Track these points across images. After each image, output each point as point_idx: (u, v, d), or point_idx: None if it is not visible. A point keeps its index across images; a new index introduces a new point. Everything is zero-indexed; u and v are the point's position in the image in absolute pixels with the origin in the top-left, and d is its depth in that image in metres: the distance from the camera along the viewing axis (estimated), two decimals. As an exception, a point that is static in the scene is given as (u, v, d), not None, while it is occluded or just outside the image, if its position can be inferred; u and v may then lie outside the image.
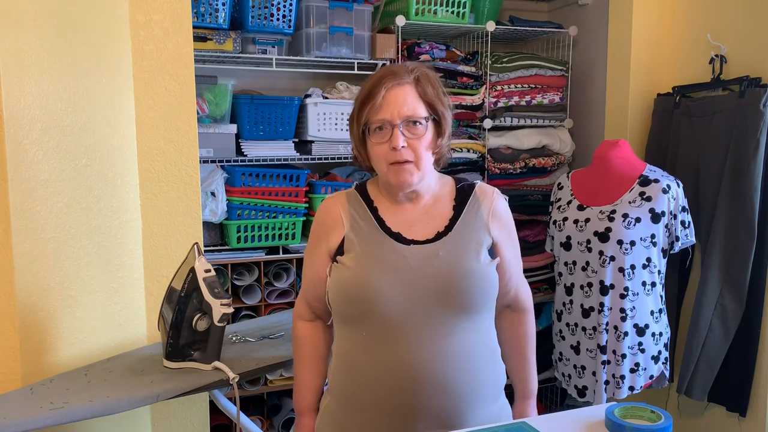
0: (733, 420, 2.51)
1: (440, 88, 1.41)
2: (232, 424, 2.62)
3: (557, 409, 3.18)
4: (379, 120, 1.35)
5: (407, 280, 1.32)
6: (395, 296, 1.31)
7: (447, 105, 1.41)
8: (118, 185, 2.00)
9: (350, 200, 1.45)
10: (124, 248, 2.03)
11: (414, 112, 1.35)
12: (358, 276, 1.33)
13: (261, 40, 2.65)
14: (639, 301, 2.24)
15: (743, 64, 2.42)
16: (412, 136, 1.35)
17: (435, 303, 1.32)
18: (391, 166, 1.36)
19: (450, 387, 1.32)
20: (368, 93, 1.36)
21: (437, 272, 1.33)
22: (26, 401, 1.52)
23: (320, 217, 1.48)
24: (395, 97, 1.34)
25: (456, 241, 1.37)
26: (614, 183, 2.32)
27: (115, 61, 1.97)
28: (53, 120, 1.78)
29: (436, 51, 2.89)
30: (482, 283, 1.36)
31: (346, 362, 1.39)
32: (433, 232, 1.39)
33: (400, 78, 1.36)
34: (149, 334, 2.11)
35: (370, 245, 1.36)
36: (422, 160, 1.36)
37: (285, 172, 2.67)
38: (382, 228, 1.39)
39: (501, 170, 2.95)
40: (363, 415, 1.36)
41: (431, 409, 1.32)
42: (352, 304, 1.35)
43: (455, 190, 1.47)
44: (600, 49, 3.02)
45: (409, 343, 1.31)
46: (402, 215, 1.42)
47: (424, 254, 1.35)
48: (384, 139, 1.35)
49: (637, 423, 1.21)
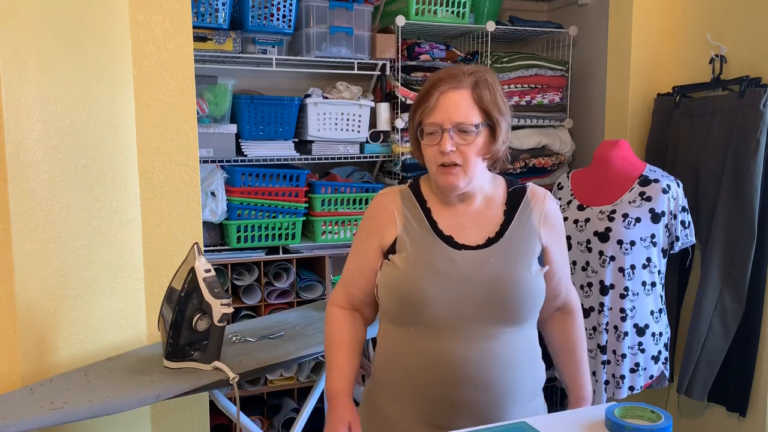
0: (733, 420, 2.51)
1: (498, 93, 1.40)
2: (232, 424, 2.62)
3: (557, 409, 3.18)
4: (431, 123, 1.36)
5: (457, 285, 1.34)
6: (443, 301, 1.33)
7: (504, 111, 1.40)
8: (118, 185, 2.00)
9: (404, 199, 1.46)
10: (124, 248, 2.03)
11: (465, 119, 1.35)
12: (408, 278, 1.35)
13: (261, 40, 2.65)
14: (639, 301, 2.24)
15: (743, 64, 2.42)
16: (463, 142, 1.35)
17: (482, 310, 1.34)
18: (439, 168, 1.37)
19: (489, 385, 1.34)
20: (425, 94, 1.38)
21: (487, 280, 1.34)
22: (26, 401, 1.52)
23: (374, 212, 1.48)
24: (448, 102, 1.35)
25: (507, 249, 1.38)
26: (614, 183, 2.32)
27: (115, 61, 1.97)
28: (53, 120, 1.78)
29: (436, 51, 2.89)
30: (531, 293, 1.37)
31: (391, 354, 1.42)
32: (484, 238, 1.40)
33: (458, 82, 1.36)
34: (149, 334, 2.11)
35: (422, 248, 1.38)
36: (470, 165, 1.37)
37: (285, 172, 2.67)
38: (434, 230, 1.40)
39: (501, 170, 2.95)
40: (404, 404, 1.39)
41: (470, 405, 1.35)
42: (400, 304, 1.37)
43: (507, 193, 1.48)
44: (600, 49, 3.01)
45: (453, 343, 1.34)
46: (454, 217, 1.42)
47: (475, 260, 1.36)
48: (434, 142, 1.36)
49: (637, 423, 1.21)
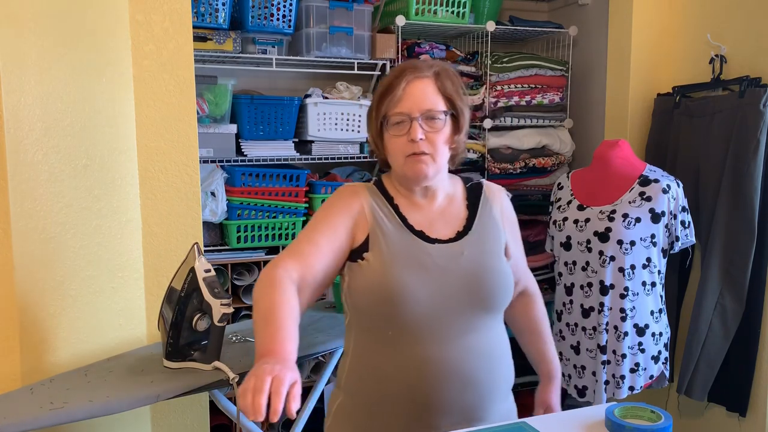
0: (733, 420, 2.51)
1: (459, 84, 1.42)
2: (232, 424, 2.62)
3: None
4: (398, 113, 1.35)
5: (435, 279, 1.33)
6: (424, 296, 1.32)
7: (465, 102, 1.42)
8: (118, 185, 2.00)
9: (372, 194, 1.43)
10: (124, 248, 2.03)
11: (433, 106, 1.35)
12: (387, 276, 1.32)
13: (261, 40, 2.65)
14: (639, 301, 2.24)
15: (743, 64, 2.42)
16: (431, 130, 1.35)
17: (462, 302, 1.34)
18: (408, 158, 1.35)
19: (474, 382, 1.34)
20: (388, 86, 1.36)
21: (464, 271, 1.35)
22: (26, 401, 1.52)
23: (345, 197, 1.41)
24: (415, 91, 1.35)
25: (478, 241, 1.40)
26: (614, 183, 2.32)
27: (115, 61, 1.97)
28: (53, 120, 1.78)
29: (436, 51, 2.89)
30: (505, 281, 1.39)
31: (367, 360, 1.37)
32: (453, 232, 1.41)
33: (421, 72, 1.37)
34: (149, 334, 2.11)
35: (396, 244, 1.35)
36: (439, 153, 1.37)
37: (285, 172, 2.67)
38: (405, 226, 1.39)
39: (501, 170, 2.95)
40: (387, 413, 1.35)
41: (456, 404, 1.33)
42: (380, 304, 1.33)
43: (465, 190, 1.49)
44: (600, 49, 3.01)
45: (436, 341, 1.32)
46: (421, 213, 1.42)
47: (449, 253, 1.36)
48: (402, 132, 1.35)
49: (637, 423, 1.21)
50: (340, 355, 2.22)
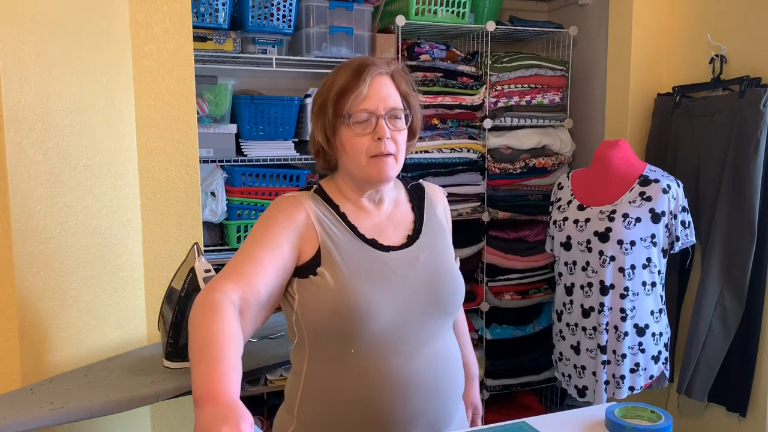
0: (733, 420, 2.51)
1: (411, 82, 1.38)
2: (232, 424, 2.62)
3: (557, 409, 3.18)
4: (364, 110, 1.27)
5: (396, 289, 1.27)
6: (388, 308, 1.24)
7: (418, 101, 1.38)
8: (118, 185, 2.00)
9: (316, 203, 1.33)
10: (124, 248, 2.03)
11: (397, 105, 1.30)
12: (347, 291, 1.22)
13: (261, 40, 2.65)
14: (639, 301, 2.24)
15: (743, 64, 2.42)
16: (395, 129, 1.30)
17: (423, 309, 1.29)
18: (371, 159, 1.28)
19: (439, 391, 1.30)
20: (350, 81, 1.28)
21: (421, 277, 1.30)
22: (26, 401, 1.52)
23: (286, 209, 1.30)
24: (380, 88, 1.29)
25: (429, 244, 1.36)
26: (614, 183, 2.32)
27: (115, 61, 1.97)
28: (53, 120, 1.78)
29: (436, 51, 2.89)
30: (460, 282, 1.36)
31: (324, 383, 1.27)
32: (404, 237, 1.36)
33: (381, 68, 1.30)
34: (149, 334, 2.11)
35: (351, 255, 1.27)
36: (401, 154, 1.32)
37: (285, 172, 2.67)
38: (356, 235, 1.31)
39: (501, 170, 2.95)
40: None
41: (422, 416, 1.28)
42: (341, 321, 1.23)
43: (407, 191, 1.45)
44: (600, 49, 3.02)
45: (401, 353, 1.25)
46: (369, 220, 1.35)
47: (405, 260, 1.31)
48: (366, 131, 1.28)
49: (637, 423, 1.21)
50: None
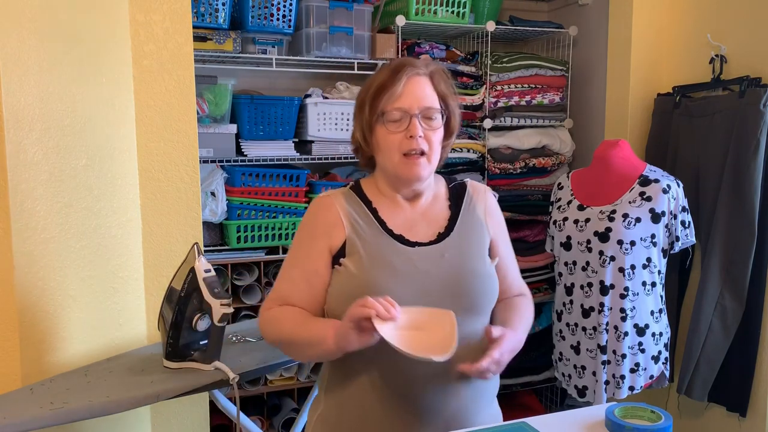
0: (733, 420, 2.51)
1: (452, 84, 1.41)
2: (232, 424, 2.62)
3: (557, 409, 3.19)
4: (398, 108, 1.32)
5: (416, 283, 1.30)
6: (405, 301, 1.26)
7: (457, 102, 1.41)
8: (118, 185, 2.00)
9: (348, 200, 1.40)
10: (124, 248, 2.03)
11: (432, 104, 1.34)
12: (365, 281, 1.29)
13: (261, 40, 2.65)
14: (639, 301, 2.24)
15: (743, 64, 2.42)
16: (428, 128, 1.34)
17: (443, 305, 1.30)
18: (403, 158, 1.33)
19: (457, 389, 1.31)
20: (386, 80, 1.34)
21: (445, 274, 1.32)
22: (26, 401, 1.52)
23: (317, 213, 1.40)
24: (415, 87, 1.33)
25: (459, 242, 1.37)
26: (614, 183, 2.32)
27: (115, 61, 1.97)
28: (53, 120, 1.78)
29: (436, 51, 2.89)
30: (488, 282, 1.36)
31: (347, 366, 1.34)
32: (434, 234, 1.38)
33: (419, 68, 1.35)
34: (149, 334, 2.11)
35: (375, 248, 1.33)
36: (434, 153, 1.35)
37: (285, 172, 2.67)
38: (384, 229, 1.36)
39: (501, 170, 2.95)
40: (367, 421, 1.32)
41: (438, 413, 1.31)
42: None
43: (448, 190, 1.47)
44: (600, 49, 3.01)
45: None
46: (401, 216, 1.39)
47: (430, 256, 1.34)
48: (400, 129, 1.32)
49: (637, 423, 1.21)
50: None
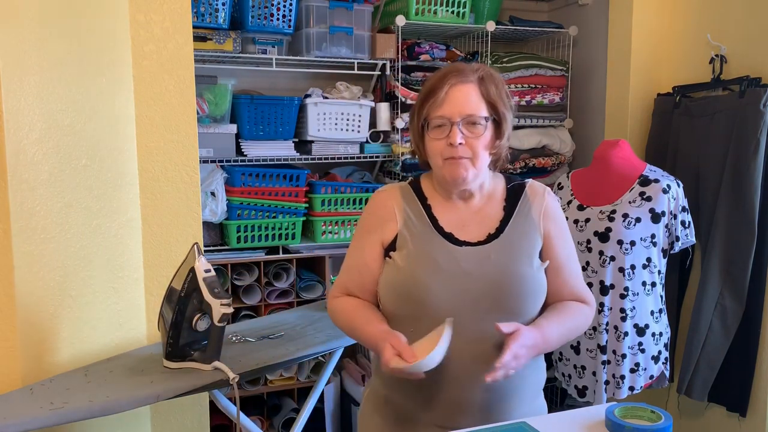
0: (733, 420, 2.51)
1: (504, 89, 1.41)
2: (232, 424, 2.62)
3: (557, 409, 3.18)
4: (439, 116, 1.36)
5: (458, 282, 1.34)
6: (446, 298, 1.32)
7: (509, 107, 1.42)
8: (118, 185, 2.00)
9: (404, 195, 1.46)
10: (124, 248, 2.02)
11: (474, 112, 1.36)
12: (410, 276, 1.35)
13: (261, 40, 2.65)
14: (639, 301, 2.24)
15: (743, 64, 2.42)
16: (471, 135, 1.36)
17: (485, 306, 1.33)
18: (446, 161, 1.37)
19: (493, 384, 1.31)
20: (431, 88, 1.38)
21: (489, 276, 1.34)
22: (26, 401, 1.52)
23: (374, 208, 1.47)
24: (457, 95, 1.36)
25: (507, 245, 1.38)
26: (614, 183, 2.32)
27: (115, 61, 1.97)
28: (53, 120, 1.78)
29: (436, 51, 2.89)
30: (532, 288, 1.37)
31: None
32: (484, 234, 1.40)
33: (465, 76, 1.38)
34: (149, 334, 2.11)
35: (423, 244, 1.37)
36: (479, 158, 1.37)
37: (285, 172, 2.67)
38: (434, 227, 1.40)
39: (501, 170, 2.95)
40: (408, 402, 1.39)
41: (475, 405, 1.35)
42: (402, 302, 1.36)
43: (506, 190, 1.48)
44: (600, 49, 3.01)
45: (456, 342, 1.29)
46: (454, 214, 1.43)
47: (476, 257, 1.36)
48: (442, 135, 1.36)
49: (637, 423, 1.21)
50: (339, 355, 2.23)
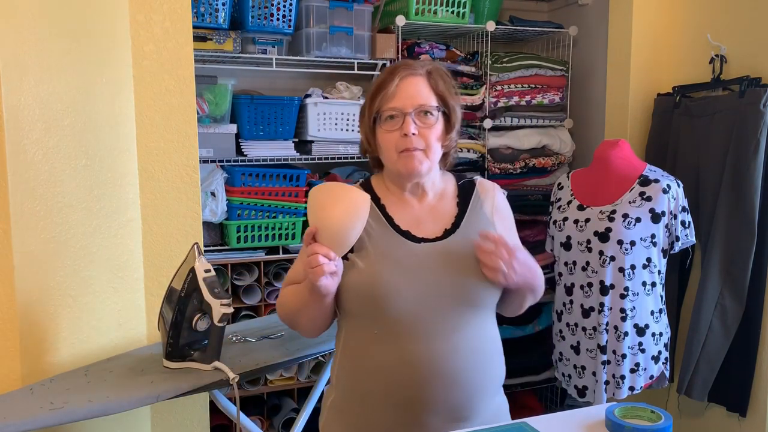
0: (733, 420, 2.51)
1: (451, 83, 1.44)
2: (232, 424, 2.62)
3: (557, 409, 3.18)
4: (391, 108, 1.37)
5: (420, 278, 1.34)
6: (409, 295, 1.33)
7: (457, 101, 1.44)
8: (118, 185, 2.00)
9: None
10: (124, 248, 2.02)
11: (426, 102, 1.38)
12: (372, 276, 1.34)
13: (261, 40, 2.65)
14: (639, 301, 2.24)
15: (743, 64, 2.42)
16: (423, 125, 1.38)
17: (447, 299, 1.35)
18: (401, 154, 1.37)
19: (460, 380, 1.34)
20: (381, 83, 1.39)
21: (450, 270, 1.36)
22: (26, 401, 1.52)
23: None
24: (408, 87, 1.37)
25: (465, 239, 1.40)
26: (614, 183, 2.32)
27: (115, 61, 1.97)
28: (53, 120, 1.78)
29: (436, 51, 2.89)
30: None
31: (355, 357, 1.39)
32: (441, 230, 1.41)
33: (414, 69, 1.40)
34: (149, 334, 2.11)
35: (382, 244, 1.37)
36: (431, 149, 1.39)
37: (285, 172, 2.67)
38: (391, 226, 1.40)
39: (501, 170, 2.95)
40: (373, 409, 1.37)
41: (442, 403, 1.34)
42: (365, 303, 1.36)
43: (457, 187, 1.50)
44: (600, 49, 3.01)
45: (422, 339, 1.32)
46: (409, 212, 1.43)
47: (435, 252, 1.37)
48: (395, 127, 1.37)
49: (637, 423, 1.21)
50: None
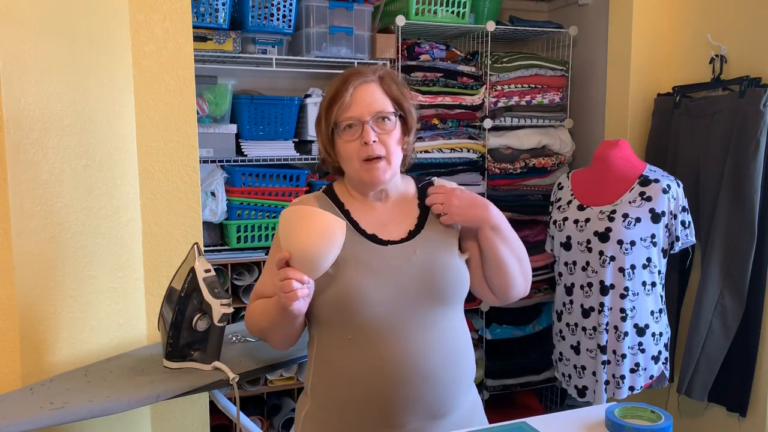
0: (733, 420, 2.51)
1: (403, 85, 1.45)
2: (232, 424, 2.62)
3: (557, 409, 3.19)
4: (349, 118, 1.37)
5: (390, 280, 1.35)
6: (380, 297, 1.34)
7: (411, 102, 1.45)
8: (118, 185, 2.00)
9: (321, 204, 1.45)
10: (124, 248, 2.03)
11: (383, 108, 1.39)
12: (342, 282, 1.34)
13: (261, 40, 2.65)
14: (639, 301, 2.24)
15: (743, 64, 2.42)
16: (382, 132, 1.38)
17: (417, 298, 1.36)
18: (363, 164, 1.38)
19: (436, 377, 1.35)
20: (335, 93, 1.39)
21: (417, 269, 1.37)
22: (26, 401, 1.52)
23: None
24: (363, 95, 1.38)
25: (430, 239, 1.42)
26: (614, 183, 2.32)
27: (115, 61, 1.97)
28: (53, 120, 1.78)
29: (436, 51, 2.89)
30: (459, 276, 1.41)
31: (329, 364, 1.39)
32: (405, 232, 1.43)
33: (366, 76, 1.40)
34: (149, 334, 2.11)
35: (350, 249, 1.36)
36: (393, 155, 1.40)
37: (285, 172, 2.67)
38: (357, 230, 1.41)
39: (501, 170, 2.95)
40: (351, 414, 1.36)
41: (420, 402, 1.34)
42: (337, 310, 1.35)
43: (417, 189, 1.52)
44: (600, 49, 3.02)
45: (395, 340, 1.33)
46: (373, 216, 1.44)
47: (402, 253, 1.39)
48: (354, 137, 1.37)
49: (637, 423, 1.21)
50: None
